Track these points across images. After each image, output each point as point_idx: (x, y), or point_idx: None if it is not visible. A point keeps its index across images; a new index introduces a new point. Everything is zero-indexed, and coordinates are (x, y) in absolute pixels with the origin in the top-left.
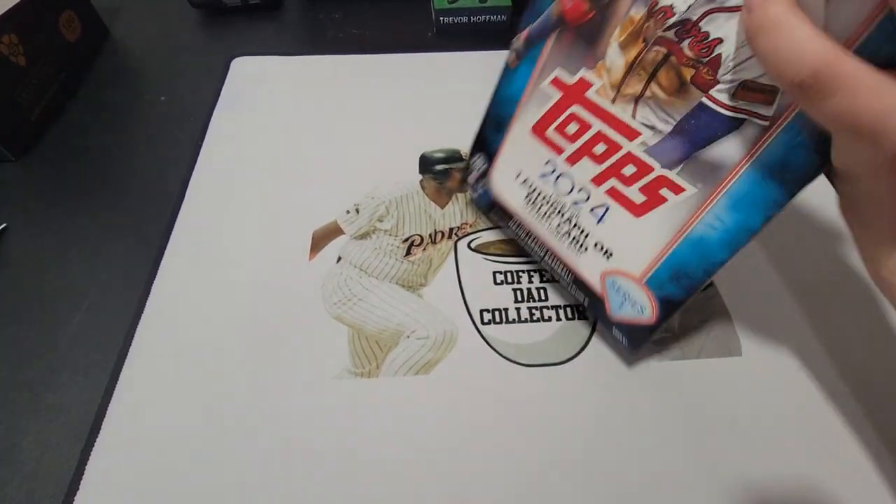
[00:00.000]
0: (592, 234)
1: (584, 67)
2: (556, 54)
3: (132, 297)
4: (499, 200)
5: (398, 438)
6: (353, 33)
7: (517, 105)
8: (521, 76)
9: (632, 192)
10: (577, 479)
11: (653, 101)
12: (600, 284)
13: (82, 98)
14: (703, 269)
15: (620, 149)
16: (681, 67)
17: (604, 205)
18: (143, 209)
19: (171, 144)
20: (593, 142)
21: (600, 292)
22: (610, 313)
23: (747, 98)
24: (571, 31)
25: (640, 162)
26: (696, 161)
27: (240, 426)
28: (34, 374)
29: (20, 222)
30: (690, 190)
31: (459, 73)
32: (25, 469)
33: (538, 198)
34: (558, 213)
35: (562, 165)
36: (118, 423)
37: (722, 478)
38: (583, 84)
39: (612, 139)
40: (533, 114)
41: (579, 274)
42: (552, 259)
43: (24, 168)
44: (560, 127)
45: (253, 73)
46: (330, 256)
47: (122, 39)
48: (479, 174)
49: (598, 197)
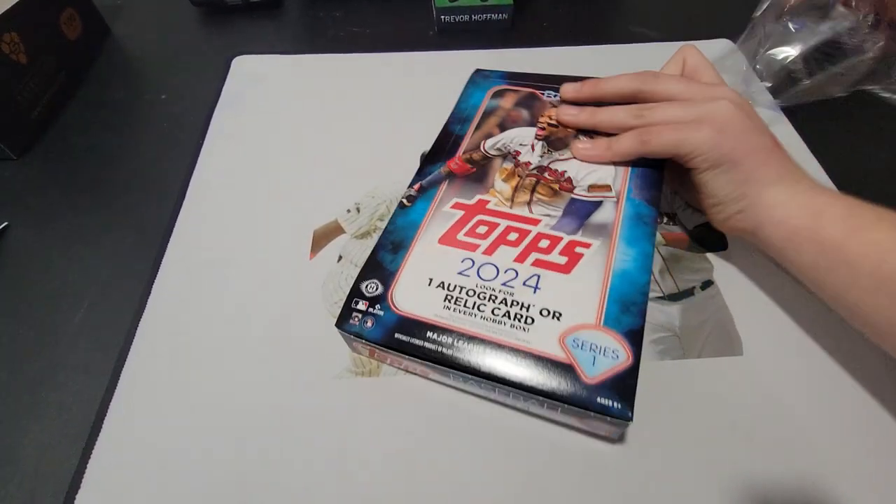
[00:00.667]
0: (534, 303)
1: (478, 194)
2: (451, 191)
3: (133, 296)
4: (408, 316)
5: (398, 438)
6: (353, 32)
7: (419, 227)
8: (420, 209)
9: (554, 257)
10: (576, 477)
11: (540, 202)
12: (562, 350)
13: (83, 96)
14: (639, 291)
15: (530, 232)
16: (550, 184)
17: (534, 275)
18: (144, 208)
19: (171, 143)
20: (505, 233)
21: (566, 359)
22: (586, 377)
23: (595, 191)
24: (461, 178)
25: (550, 236)
26: (588, 226)
27: (240, 425)
28: (35, 373)
29: (21, 221)
30: (595, 243)
31: (461, 71)
32: (27, 468)
33: (461, 293)
34: (490, 300)
35: (480, 258)
36: (119, 422)
37: (722, 477)
38: (482, 202)
39: (520, 228)
40: (437, 229)
41: (534, 350)
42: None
43: (25, 166)
44: (470, 232)
45: (253, 71)
46: (331, 255)
47: (122, 38)
48: (370, 302)
49: (527, 270)
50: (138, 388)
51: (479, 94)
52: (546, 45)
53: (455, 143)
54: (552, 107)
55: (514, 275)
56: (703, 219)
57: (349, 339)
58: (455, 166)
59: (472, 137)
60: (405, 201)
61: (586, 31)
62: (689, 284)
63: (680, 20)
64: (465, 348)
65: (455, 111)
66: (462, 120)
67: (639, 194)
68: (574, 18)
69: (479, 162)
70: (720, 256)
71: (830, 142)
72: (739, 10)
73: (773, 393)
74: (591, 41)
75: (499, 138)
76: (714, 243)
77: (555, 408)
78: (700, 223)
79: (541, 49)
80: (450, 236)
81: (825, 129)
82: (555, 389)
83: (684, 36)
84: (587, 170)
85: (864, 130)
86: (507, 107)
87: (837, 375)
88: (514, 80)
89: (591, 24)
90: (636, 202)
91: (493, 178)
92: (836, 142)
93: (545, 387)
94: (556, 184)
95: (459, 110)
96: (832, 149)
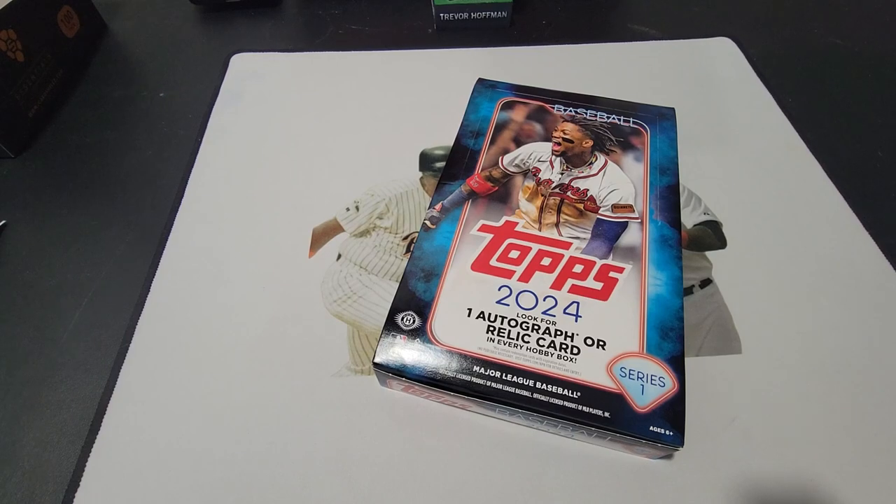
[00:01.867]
0: (577, 332)
1: (504, 215)
2: (475, 212)
3: (132, 294)
4: (452, 349)
5: (397, 436)
6: (352, 29)
7: (448, 252)
8: (446, 231)
9: (590, 283)
10: (576, 475)
11: (568, 223)
12: (611, 379)
13: (81, 94)
14: (674, 316)
15: (563, 256)
16: (574, 203)
17: (573, 302)
18: (143, 205)
19: (170, 141)
20: (538, 258)
21: (616, 388)
22: (637, 405)
23: (618, 211)
24: (484, 198)
25: (583, 260)
26: (618, 250)
27: (239, 423)
28: (34, 371)
29: (19, 219)
30: (627, 267)
31: (460, 69)
32: (25, 466)
33: (503, 324)
34: (533, 330)
35: (517, 285)
36: (118, 420)
37: (723, 477)
38: (509, 224)
39: (552, 252)
40: (468, 255)
41: (584, 381)
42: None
43: (23, 165)
44: (502, 257)
45: (252, 69)
46: (330, 253)
47: (120, 35)
48: (409, 336)
49: (565, 297)
50: (137, 386)
51: (489, 106)
52: (545, 43)
53: (472, 159)
54: (563, 121)
55: (553, 303)
56: (701, 217)
57: (384, 375)
58: (476, 185)
59: (489, 153)
60: (429, 223)
61: (585, 28)
62: (688, 283)
63: (680, 18)
64: (515, 381)
65: (465, 123)
66: (475, 134)
67: (661, 216)
68: (573, 16)
69: (499, 180)
70: (719, 255)
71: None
72: (740, 8)
73: (771, 391)
74: (590, 39)
75: (516, 154)
76: (713, 242)
77: (603, 436)
78: (699, 222)
79: (540, 47)
80: (482, 262)
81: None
82: (608, 420)
83: (684, 34)
84: (608, 188)
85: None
86: (520, 120)
87: (836, 374)
88: (521, 93)
89: (590, 22)
90: (659, 224)
91: (517, 198)
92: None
93: (598, 418)
94: (580, 203)
95: (470, 122)
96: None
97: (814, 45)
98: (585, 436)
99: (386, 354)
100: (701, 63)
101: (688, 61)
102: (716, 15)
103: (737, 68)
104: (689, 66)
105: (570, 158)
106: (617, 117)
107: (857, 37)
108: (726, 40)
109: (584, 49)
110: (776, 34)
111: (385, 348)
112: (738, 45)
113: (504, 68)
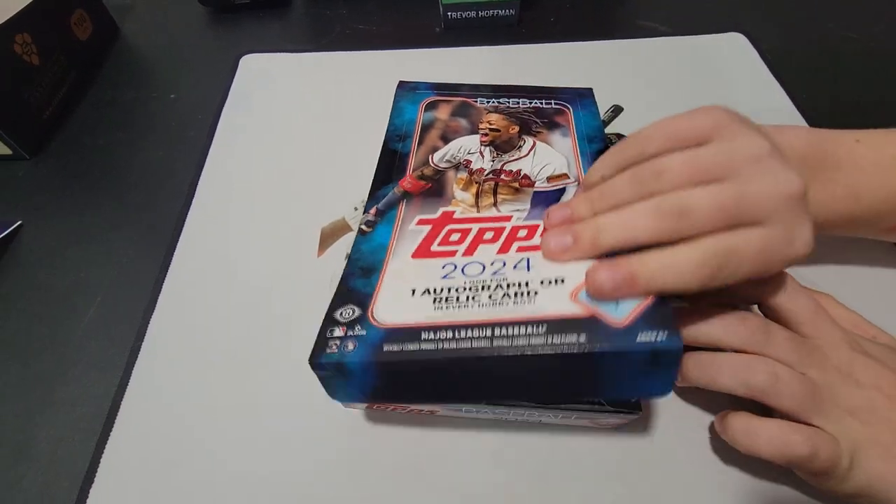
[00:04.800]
0: (531, 279)
1: (441, 207)
2: (412, 210)
3: (144, 292)
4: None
5: (404, 436)
6: (360, 29)
7: (387, 248)
8: (382, 232)
9: (537, 240)
10: (575, 474)
11: (506, 202)
12: (578, 306)
13: (93, 96)
14: None
15: (505, 228)
16: (510, 184)
17: (522, 258)
18: (154, 206)
19: (181, 141)
20: (480, 234)
21: (586, 312)
22: (615, 320)
23: (554, 181)
24: (418, 197)
25: (527, 226)
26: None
27: (250, 420)
28: (48, 369)
29: (34, 219)
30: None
31: (468, 68)
32: (40, 462)
33: (451, 292)
34: (483, 289)
35: (461, 260)
36: (132, 416)
37: (722, 476)
38: (447, 213)
39: (494, 227)
40: (408, 246)
41: (548, 315)
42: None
43: (38, 166)
44: (443, 241)
45: (261, 70)
46: (338, 253)
47: (132, 38)
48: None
49: (514, 257)
50: (150, 383)
51: (412, 108)
52: (553, 41)
53: (402, 161)
54: (487, 112)
55: (501, 265)
56: None
57: (331, 379)
58: (409, 185)
59: (418, 154)
60: (364, 227)
61: (593, 25)
62: None
63: (690, 14)
64: (470, 336)
65: (391, 128)
66: (401, 137)
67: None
68: (581, 13)
69: (432, 177)
70: None
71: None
72: (751, 2)
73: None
74: (598, 36)
75: (446, 150)
76: None
77: (570, 413)
78: None
79: (548, 45)
80: (423, 249)
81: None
82: (586, 346)
83: (694, 30)
84: (540, 164)
85: None
86: (444, 118)
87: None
88: (442, 91)
89: (598, 19)
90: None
91: (452, 190)
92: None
93: (574, 347)
94: (515, 183)
95: (395, 127)
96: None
97: (828, 40)
98: (553, 417)
99: (321, 351)
100: (712, 59)
101: (699, 57)
102: (726, 10)
103: (749, 64)
104: (701, 63)
105: (499, 146)
106: (539, 101)
107: (873, 31)
108: (738, 35)
109: (593, 46)
110: (789, 29)
111: (321, 345)
112: (749, 41)
113: (513, 67)
